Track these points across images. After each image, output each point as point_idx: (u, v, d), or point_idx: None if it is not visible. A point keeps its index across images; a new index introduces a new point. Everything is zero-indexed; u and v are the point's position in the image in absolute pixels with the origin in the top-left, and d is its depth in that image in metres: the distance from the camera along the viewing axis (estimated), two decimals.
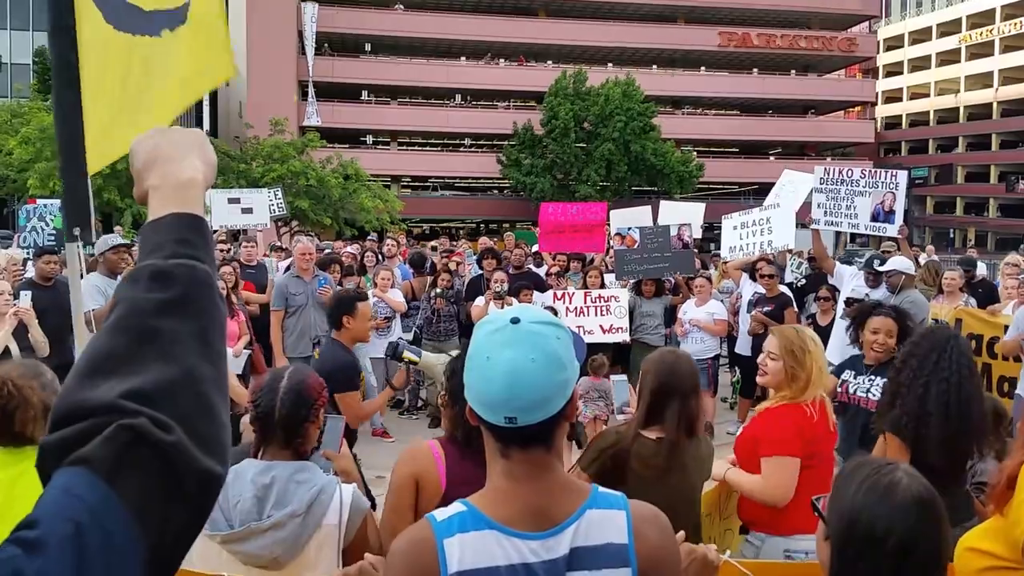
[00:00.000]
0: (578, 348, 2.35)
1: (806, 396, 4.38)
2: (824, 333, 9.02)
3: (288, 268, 11.25)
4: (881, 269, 9.42)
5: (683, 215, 13.02)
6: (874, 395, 5.77)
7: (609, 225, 13.78)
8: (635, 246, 12.06)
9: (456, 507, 2.01)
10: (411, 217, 53.06)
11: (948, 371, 4.31)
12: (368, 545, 3.17)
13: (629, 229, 12.22)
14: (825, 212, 10.32)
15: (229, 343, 8.42)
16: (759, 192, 52.44)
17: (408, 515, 3.29)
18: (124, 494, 1.07)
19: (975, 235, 73.33)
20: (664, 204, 14.71)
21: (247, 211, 15.17)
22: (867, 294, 9.38)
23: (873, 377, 5.91)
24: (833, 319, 9.93)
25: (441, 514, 2.01)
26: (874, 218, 9.99)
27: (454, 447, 3.40)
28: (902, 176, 10.02)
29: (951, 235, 75.49)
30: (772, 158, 65.75)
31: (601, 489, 2.07)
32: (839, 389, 6.13)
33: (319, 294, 9.69)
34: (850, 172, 10.23)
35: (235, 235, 15.68)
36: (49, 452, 1.12)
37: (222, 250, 13.65)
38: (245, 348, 9.22)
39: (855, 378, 6.11)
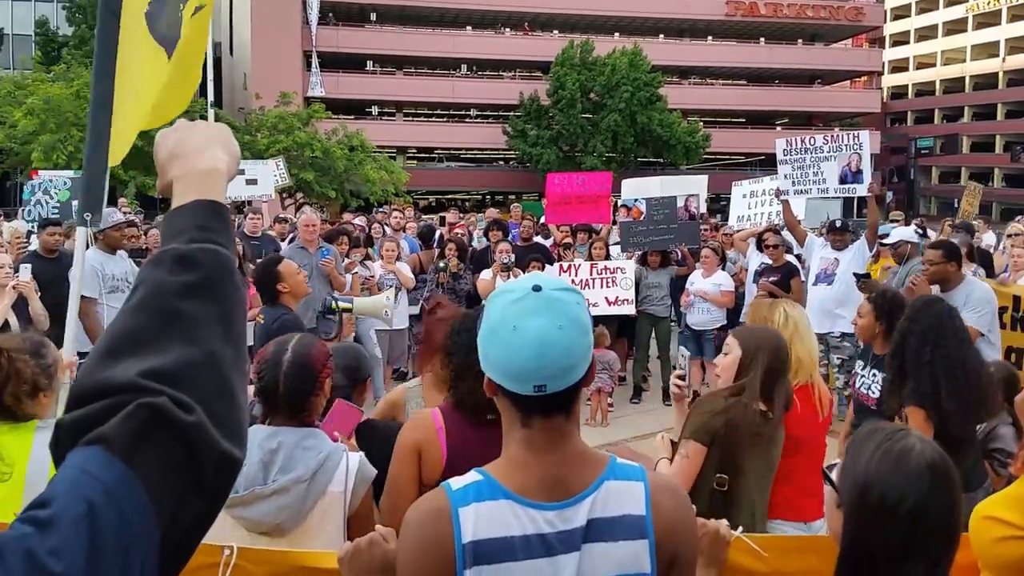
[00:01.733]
0: None
1: None
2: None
3: (292, 240, 11.18)
4: (887, 242, 9.44)
5: (687, 187, 12.94)
6: (874, 393, 5.73)
7: (618, 195, 13.71)
8: (641, 218, 12.01)
9: (472, 476, 2.01)
10: (416, 189, 52.99)
11: (947, 345, 4.34)
12: (373, 514, 3.17)
13: (636, 201, 12.17)
14: (793, 182, 10.51)
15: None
16: (765, 163, 52.33)
17: (410, 486, 3.28)
18: (141, 474, 1.06)
19: (980, 205, 73.04)
20: (665, 178, 14.60)
21: (251, 182, 15.15)
22: (836, 258, 9.46)
23: (875, 372, 5.85)
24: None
25: (457, 483, 2.00)
26: (842, 180, 10.12)
27: (456, 414, 3.37)
28: (864, 136, 10.16)
29: (956, 205, 75.19)
30: (779, 128, 65.47)
31: (619, 460, 2.07)
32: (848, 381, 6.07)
33: (322, 265, 9.64)
34: (812, 140, 10.41)
35: (239, 207, 15.64)
36: (65, 431, 1.10)
37: None
38: (250, 321, 9.21)
39: (863, 369, 6.04)
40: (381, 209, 24.57)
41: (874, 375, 5.83)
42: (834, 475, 2.14)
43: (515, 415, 1.99)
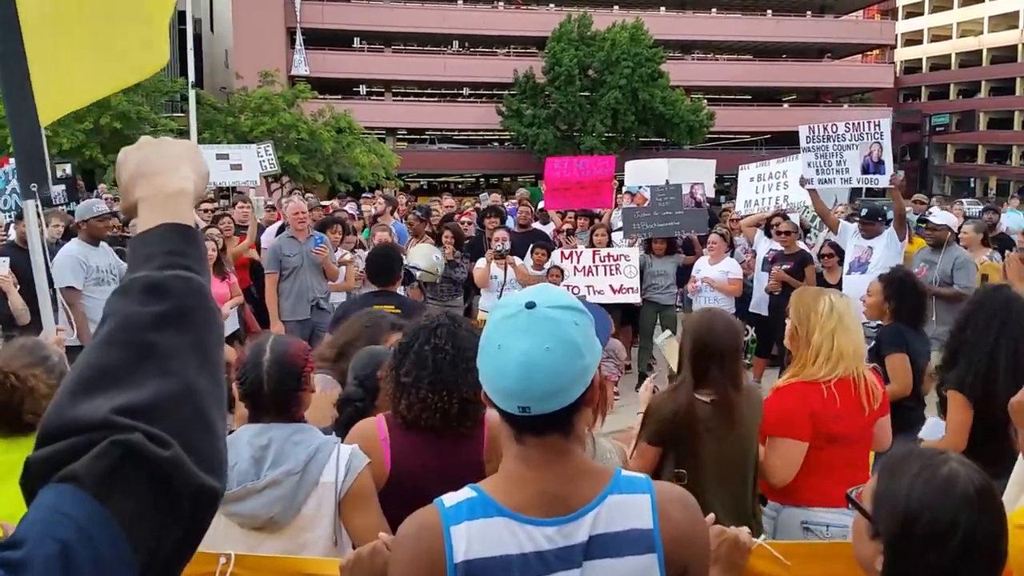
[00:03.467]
0: (601, 327, 2.30)
1: (816, 372, 4.23)
2: None
3: (281, 229, 11.15)
4: (933, 220, 9.43)
5: (694, 173, 12.95)
6: None
7: (620, 175, 13.73)
8: (645, 204, 12.05)
9: (466, 492, 2.00)
10: (407, 172, 52.94)
11: (1016, 329, 4.50)
12: (365, 496, 3.19)
13: (640, 187, 12.22)
14: (817, 171, 10.45)
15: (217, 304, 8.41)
16: (772, 142, 52.44)
17: None
18: (116, 511, 1.07)
19: (996, 184, 73.06)
20: (673, 162, 14.61)
21: (236, 167, 15.11)
22: (870, 246, 9.46)
23: None
24: (841, 277, 10.01)
25: (450, 499, 2.00)
26: (864, 170, 10.11)
27: (400, 422, 3.40)
28: (885, 123, 10.11)
29: (972, 184, 75.24)
30: (786, 105, 65.54)
31: (624, 472, 2.06)
32: None
33: (314, 254, 9.63)
34: (834, 127, 10.35)
35: (224, 193, 15.61)
36: (36, 468, 1.11)
37: (207, 209, 13.58)
38: (232, 308, 9.25)
39: None
40: (367, 195, 24.56)
41: None
42: (864, 503, 2.09)
43: (509, 431, 1.99)
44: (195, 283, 1.33)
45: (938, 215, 9.54)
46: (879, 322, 6.34)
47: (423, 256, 6.79)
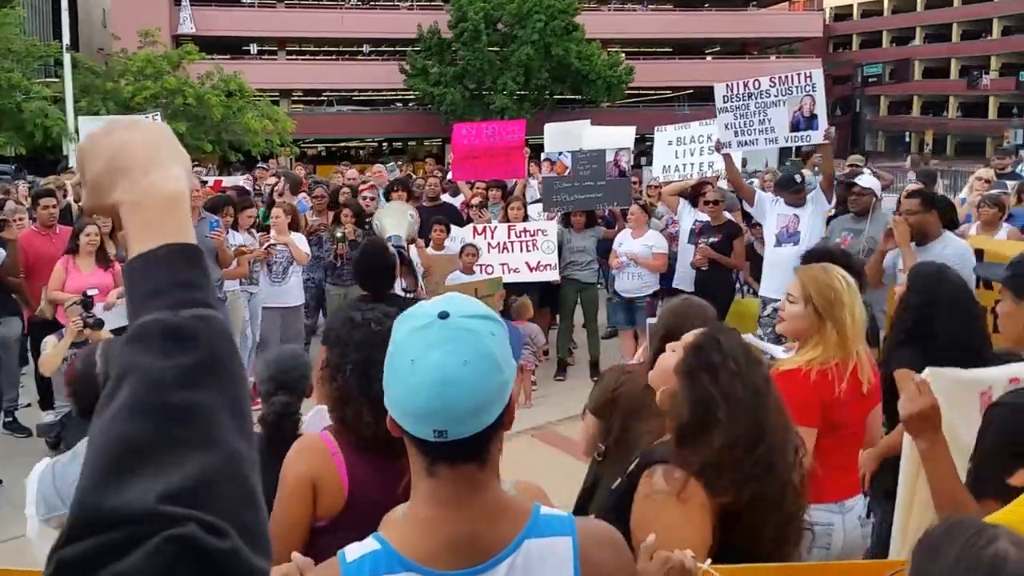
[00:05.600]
0: (514, 343, 2.35)
1: (833, 355, 4.22)
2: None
3: None
4: (860, 183, 9.46)
5: (612, 138, 12.95)
6: None
7: (537, 137, 13.69)
8: (565, 173, 11.99)
9: (370, 544, 1.95)
10: (304, 137, 52.28)
11: (959, 306, 4.80)
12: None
13: (560, 154, 12.16)
14: (736, 132, 10.21)
15: (99, 297, 8.35)
16: (695, 97, 52.76)
17: (297, 530, 3.13)
18: None
19: (933, 139, 74.36)
20: (589, 130, 14.59)
21: None
22: (795, 215, 9.44)
23: None
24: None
25: (352, 552, 1.95)
26: (794, 127, 9.86)
27: (349, 436, 3.23)
28: (817, 74, 9.85)
29: (907, 139, 76.42)
30: (709, 58, 66.04)
31: (543, 511, 2.01)
32: None
33: (210, 239, 9.54)
34: (756, 83, 10.09)
35: None
36: (69, 568, 1.02)
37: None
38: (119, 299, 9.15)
39: None
40: (262, 165, 24.22)
41: None
42: None
43: (420, 462, 1.92)
44: (218, 323, 1.21)
45: (864, 180, 9.62)
46: None
47: (397, 223, 6.27)
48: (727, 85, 10.31)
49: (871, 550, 4.88)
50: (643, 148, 22.95)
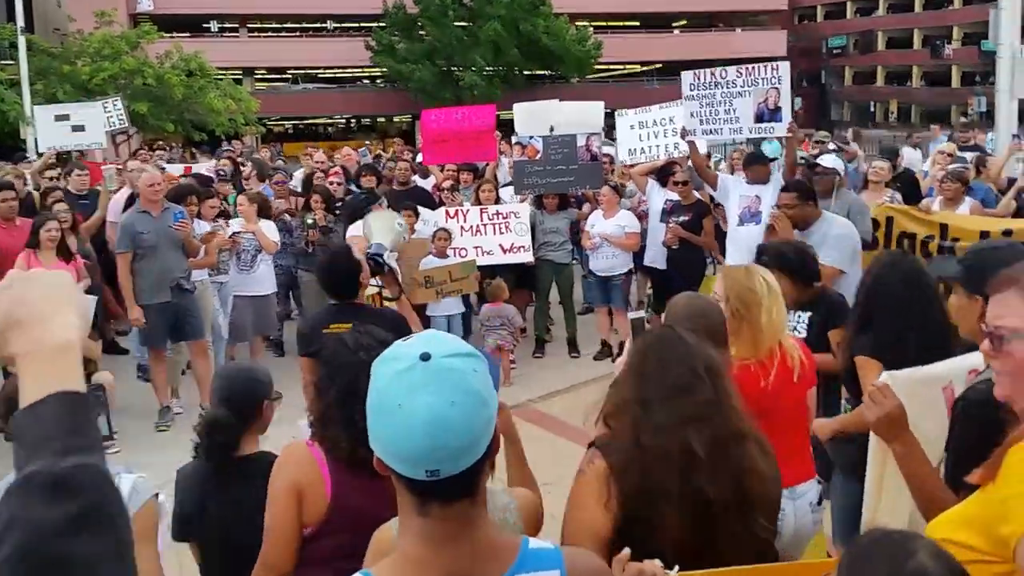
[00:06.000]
0: (494, 374, 2.28)
1: (748, 353, 4.37)
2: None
3: (131, 201, 10.75)
4: (823, 163, 9.56)
5: (582, 120, 12.94)
6: (800, 333, 5.91)
7: (507, 113, 13.65)
8: (537, 157, 12.08)
9: None
10: (269, 116, 51.96)
11: (924, 295, 4.76)
12: (144, 537, 3.05)
13: (531, 138, 12.22)
14: (701, 121, 10.43)
15: None
16: (664, 72, 52.76)
17: (293, 532, 3.26)
18: None
19: (898, 108, 74.86)
20: (558, 107, 14.50)
21: (78, 128, 14.74)
22: (757, 195, 9.61)
23: (799, 314, 6.09)
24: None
25: None
26: (759, 119, 10.08)
27: (338, 455, 3.31)
28: (784, 68, 10.08)
29: (872, 109, 76.92)
30: (677, 32, 65.92)
31: (532, 544, 2.03)
32: None
33: (174, 230, 9.39)
34: (723, 73, 10.31)
35: (63, 158, 15.14)
36: None
37: (52, 178, 13.18)
38: (86, 293, 9.00)
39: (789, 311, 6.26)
40: (229, 148, 24.05)
41: (798, 316, 6.06)
42: None
43: (410, 501, 1.93)
44: (102, 472, 1.25)
45: (826, 160, 9.73)
46: None
47: (384, 231, 6.30)
48: (694, 73, 10.55)
49: (836, 537, 5.07)
50: (612, 123, 22.93)
